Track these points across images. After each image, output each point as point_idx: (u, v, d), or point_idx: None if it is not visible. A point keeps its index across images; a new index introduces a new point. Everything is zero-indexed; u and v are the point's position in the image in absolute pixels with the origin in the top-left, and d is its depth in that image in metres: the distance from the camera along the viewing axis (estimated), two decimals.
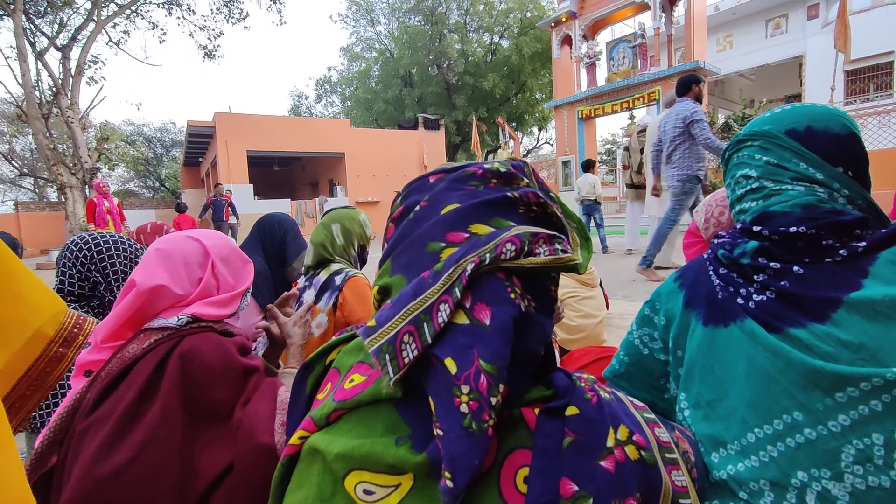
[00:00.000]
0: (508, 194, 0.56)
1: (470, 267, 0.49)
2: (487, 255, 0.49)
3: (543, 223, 0.58)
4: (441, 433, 0.43)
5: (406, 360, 0.46)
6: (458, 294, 0.48)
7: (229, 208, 11.50)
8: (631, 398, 0.58)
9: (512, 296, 0.50)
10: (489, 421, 0.43)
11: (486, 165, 0.59)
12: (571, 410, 0.49)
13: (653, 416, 0.56)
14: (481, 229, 0.54)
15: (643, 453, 0.49)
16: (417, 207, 0.58)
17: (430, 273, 0.50)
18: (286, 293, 1.32)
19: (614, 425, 0.50)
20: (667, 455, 0.52)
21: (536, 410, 0.49)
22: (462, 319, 0.48)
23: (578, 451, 0.47)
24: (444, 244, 0.53)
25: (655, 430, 0.54)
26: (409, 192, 0.62)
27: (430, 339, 0.46)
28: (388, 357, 0.46)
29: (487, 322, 0.47)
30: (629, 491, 0.46)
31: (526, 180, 0.60)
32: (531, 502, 0.44)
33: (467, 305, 0.48)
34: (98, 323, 0.72)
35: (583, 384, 0.54)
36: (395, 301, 0.50)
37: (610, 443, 0.48)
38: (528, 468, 0.46)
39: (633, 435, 0.50)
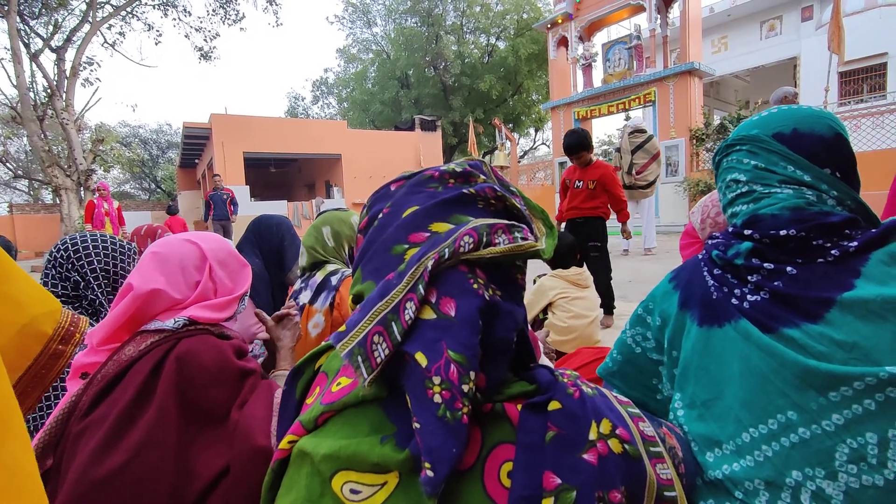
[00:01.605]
0: (465, 191, 0.58)
1: (430, 263, 0.50)
2: (446, 251, 0.51)
3: (504, 216, 0.59)
4: (418, 426, 0.44)
5: (378, 360, 0.47)
6: (423, 291, 0.49)
7: (231, 205, 9.99)
8: (616, 394, 0.59)
9: (475, 286, 0.51)
10: (463, 409, 0.45)
11: (442, 167, 0.61)
12: (554, 405, 0.50)
13: (637, 411, 0.57)
14: (441, 227, 0.55)
15: (627, 447, 0.50)
16: (381, 215, 0.60)
17: (395, 274, 0.52)
18: (283, 311, 1.28)
19: (597, 419, 0.50)
20: (651, 449, 0.53)
21: (519, 406, 0.50)
22: (429, 314, 0.49)
23: (561, 445, 0.47)
24: (407, 245, 0.55)
25: (640, 425, 0.54)
26: (374, 202, 0.63)
27: (399, 338, 0.47)
28: (360, 359, 0.47)
29: (453, 314, 0.49)
30: (613, 484, 0.47)
31: (483, 177, 0.61)
32: (515, 496, 0.44)
33: (433, 301, 0.50)
34: (90, 322, 0.73)
35: (565, 380, 0.54)
36: (362, 305, 0.51)
37: (592, 436, 0.49)
38: (512, 463, 0.47)
39: (616, 429, 0.51)
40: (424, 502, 0.43)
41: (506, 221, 0.55)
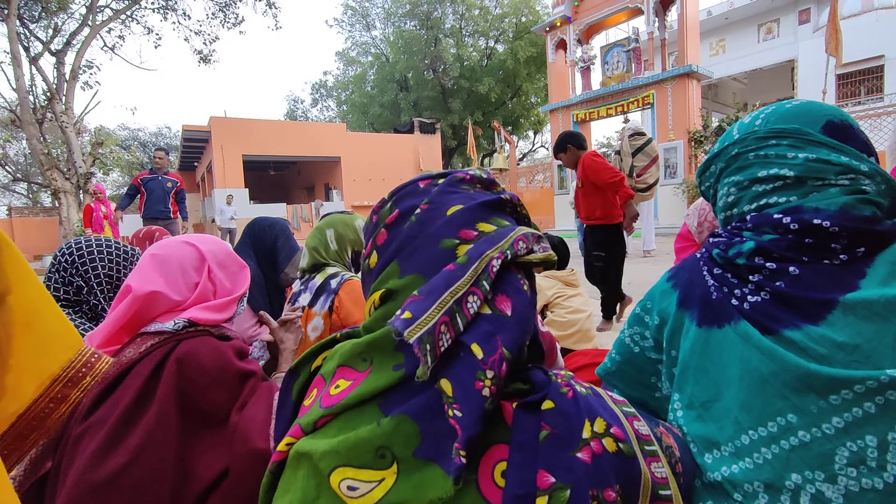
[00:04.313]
0: (503, 196, 0.62)
1: (497, 262, 0.53)
2: (508, 252, 0.54)
3: (523, 222, 0.64)
4: (460, 415, 0.45)
5: (441, 349, 0.48)
6: (487, 287, 0.51)
7: (175, 197, 6.62)
8: (610, 393, 0.59)
9: (525, 288, 0.56)
10: (494, 405, 0.47)
11: (470, 172, 0.64)
12: (547, 404, 0.50)
13: (632, 410, 0.57)
14: (486, 227, 0.58)
15: (621, 445, 0.50)
16: (418, 210, 0.59)
17: (456, 266, 0.53)
18: (286, 317, 1.28)
19: (591, 418, 0.51)
20: (646, 447, 0.53)
21: (514, 405, 0.50)
22: (485, 309, 0.51)
23: (555, 444, 0.47)
24: (458, 241, 0.56)
25: (634, 424, 0.54)
26: (401, 198, 0.63)
27: (462, 328, 0.49)
28: (428, 347, 0.47)
29: (508, 312, 0.52)
30: (607, 482, 0.47)
31: (501, 186, 0.65)
32: (509, 495, 0.44)
33: (489, 297, 0.52)
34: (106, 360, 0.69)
35: (559, 379, 0.55)
36: (427, 293, 0.51)
37: (586, 435, 0.49)
38: (506, 462, 0.47)
39: (610, 427, 0.51)
40: (420, 500, 0.44)
41: (538, 231, 0.60)
